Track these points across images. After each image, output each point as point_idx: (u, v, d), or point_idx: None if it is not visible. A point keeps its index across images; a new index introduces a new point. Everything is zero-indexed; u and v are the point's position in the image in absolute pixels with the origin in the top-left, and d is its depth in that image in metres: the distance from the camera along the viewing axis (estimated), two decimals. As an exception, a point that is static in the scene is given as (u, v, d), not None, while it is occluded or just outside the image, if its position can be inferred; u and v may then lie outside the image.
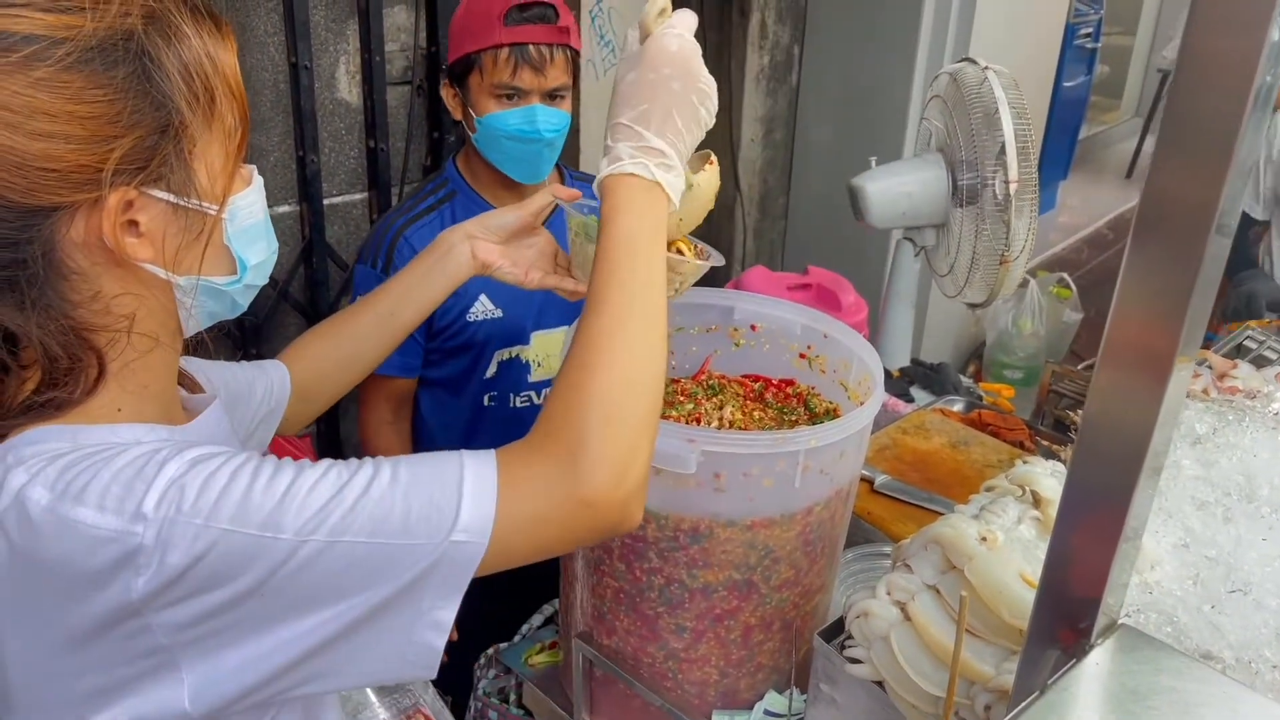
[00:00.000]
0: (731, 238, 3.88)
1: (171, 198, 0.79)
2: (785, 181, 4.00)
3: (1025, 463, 1.11)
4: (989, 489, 1.11)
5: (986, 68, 2.18)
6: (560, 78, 1.72)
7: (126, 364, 0.82)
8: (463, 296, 1.72)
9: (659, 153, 0.93)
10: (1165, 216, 0.64)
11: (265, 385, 1.16)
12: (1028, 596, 0.92)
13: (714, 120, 1.00)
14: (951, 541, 0.96)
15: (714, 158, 1.13)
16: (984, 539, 0.95)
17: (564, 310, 1.85)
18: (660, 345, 0.88)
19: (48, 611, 0.75)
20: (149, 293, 0.83)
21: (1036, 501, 1.03)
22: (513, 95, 1.69)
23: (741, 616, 1.21)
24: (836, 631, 1.08)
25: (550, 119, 1.72)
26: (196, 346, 0.93)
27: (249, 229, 0.88)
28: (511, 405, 1.89)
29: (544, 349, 1.88)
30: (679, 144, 0.95)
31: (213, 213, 0.83)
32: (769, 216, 3.99)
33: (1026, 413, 2.21)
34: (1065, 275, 3.92)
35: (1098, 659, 0.75)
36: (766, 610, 1.21)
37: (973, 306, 2.37)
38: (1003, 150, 2.14)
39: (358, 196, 2.35)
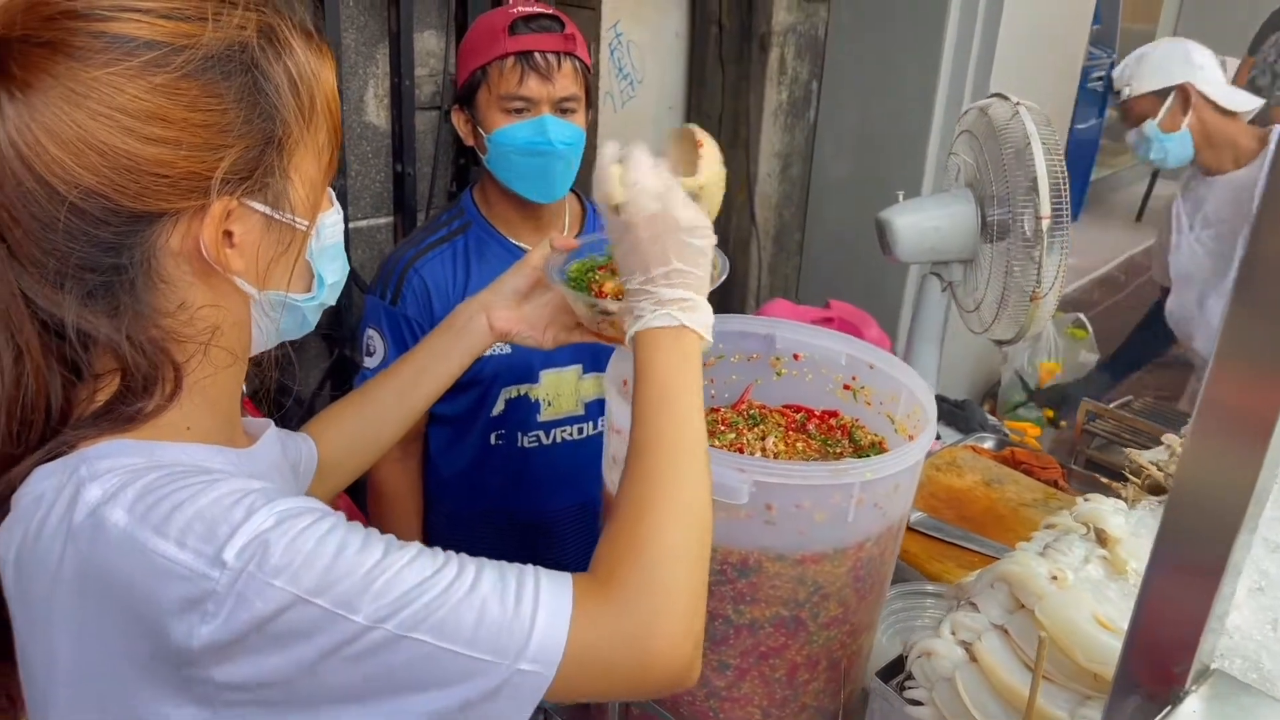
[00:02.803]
0: (746, 272, 3.86)
1: (268, 210, 0.80)
2: (801, 217, 3.99)
3: (1086, 499, 1.07)
4: (1049, 527, 1.08)
5: (1018, 104, 2.17)
6: (569, 87, 1.67)
7: (200, 379, 0.82)
8: None
9: (676, 301, 0.94)
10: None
11: (296, 454, 1.13)
12: (1103, 639, 0.88)
13: (712, 241, 1.00)
14: (1021, 580, 0.92)
15: (701, 137, 1.10)
16: (1054, 578, 0.91)
17: (575, 348, 1.77)
18: (707, 479, 0.88)
19: (110, 628, 0.72)
20: (230, 306, 0.82)
21: (1103, 540, 1.00)
22: (521, 108, 1.66)
23: (787, 654, 1.17)
24: (893, 671, 1.04)
25: (562, 131, 1.67)
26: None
27: (331, 247, 0.90)
28: (519, 445, 1.85)
29: (553, 388, 1.83)
30: (691, 282, 0.96)
31: (302, 228, 0.84)
32: (784, 251, 3.97)
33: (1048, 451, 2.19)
34: (1081, 315, 3.90)
35: (1194, 706, 0.72)
36: (813, 649, 1.17)
37: (1000, 343, 2.35)
38: (1034, 186, 2.12)
39: (383, 220, 2.34)
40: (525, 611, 0.75)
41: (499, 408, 1.81)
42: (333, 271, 0.91)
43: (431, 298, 1.75)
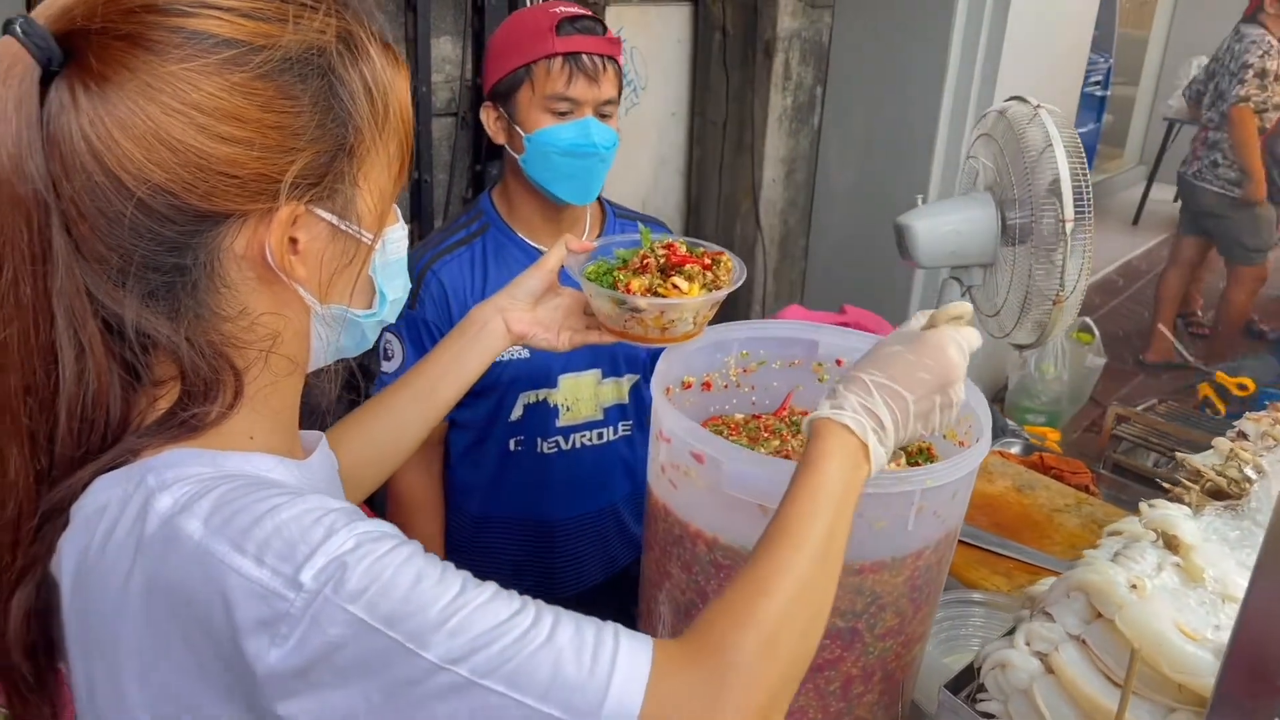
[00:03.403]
0: (751, 278, 3.85)
1: (335, 219, 0.78)
2: (806, 223, 3.98)
3: (1152, 505, 1.05)
4: (1114, 533, 1.06)
5: (1038, 106, 2.16)
6: (610, 90, 1.66)
7: (261, 388, 0.80)
8: None
9: (879, 420, 0.91)
10: None
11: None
12: (1189, 649, 0.86)
13: (939, 432, 0.98)
14: (1099, 589, 0.90)
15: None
16: (1133, 586, 0.89)
17: (593, 352, 1.79)
18: (829, 597, 0.84)
19: (180, 644, 0.70)
20: (291, 315, 0.81)
21: (1174, 546, 0.98)
22: (567, 110, 1.63)
23: (843, 667, 1.14)
24: (961, 683, 1.01)
25: (604, 134, 1.66)
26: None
27: (394, 263, 0.88)
28: (539, 451, 1.82)
29: (572, 393, 1.81)
30: (899, 430, 0.92)
31: (368, 241, 0.81)
32: (789, 257, 3.96)
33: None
34: (1088, 320, 3.89)
35: (1305, 718, 0.70)
36: (869, 660, 1.14)
37: (1020, 348, 2.33)
38: (1054, 188, 2.11)
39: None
40: (602, 669, 0.71)
41: (517, 413, 1.79)
42: (395, 288, 0.89)
43: (450, 301, 1.73)
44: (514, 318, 1.21)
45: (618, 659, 0.72)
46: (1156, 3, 7.89)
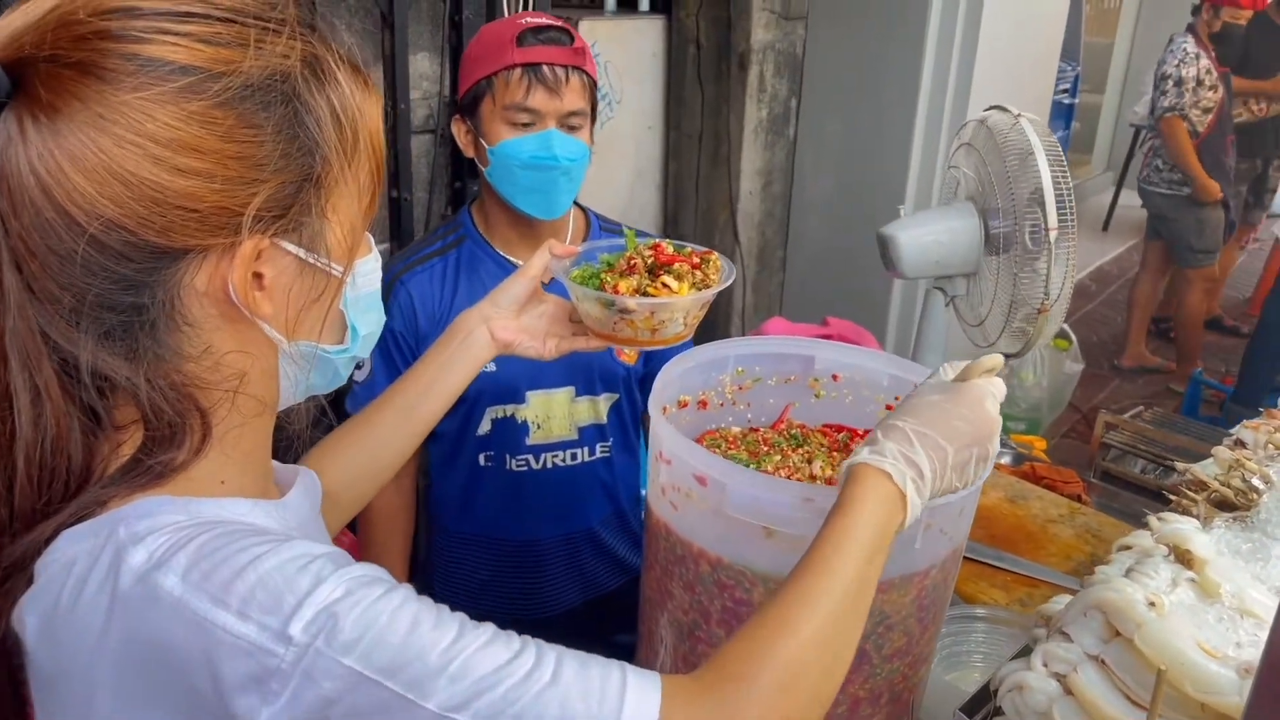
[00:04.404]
0: (730, 290, 3.82)
1: (302, 253, 0.74)
2: (783, 234, 3.97)
3: (1161, 518, 1.04)
4: (1124, 548, 1.04)
5: (1019, 115, 2.16)
6: (576, 102, 1.63)
7: (230, 429, 0.76)
8: None
9: (918, 470, 0.89)
10: None
11: (314, 494, 1.07)
12: (1212, 668, 0.85)
13: (972, 485, 0.97)
14: (1117, 607, 0.88)
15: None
16: (1152, 604, 0.88)
17: (567, 369, 1.75)
18: (854, 641, 0.82)
19: (158, 702, 0.66)
20: (257, 353, 0.77)
21: (1187, 561, 0.96)
22: (527, 121, 1.61)
23: (850, 689, 1.12)
24: (977, 706, 0.99)
25: (567, 146, 1.62)
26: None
27: (366, 296, 0.85)
28: (509, 468, 1.79)
29: (543, 409, 1.78)
30: (937, 480, 0.91)
31: (337, 274, 0.78)
32: (767, 269, 3.95)
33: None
34: (1066, 326, 3.91)
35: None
36: (876, 682, 1.12)
37: (1006, 357, 2.32)
38: (1036, 197, 2.11)
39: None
40: (610, 707, 0.68)
41: (485, 427, 1.76)
42: (368, 322, 0.86)
43: (418, 313, 1.71)
44: (499, 326, 1.18)
45: (625, 695, 0.70)
46: (1120, 11, 8.00)
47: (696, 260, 1.20)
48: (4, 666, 0.74)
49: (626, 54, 3.51)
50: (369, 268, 0.84)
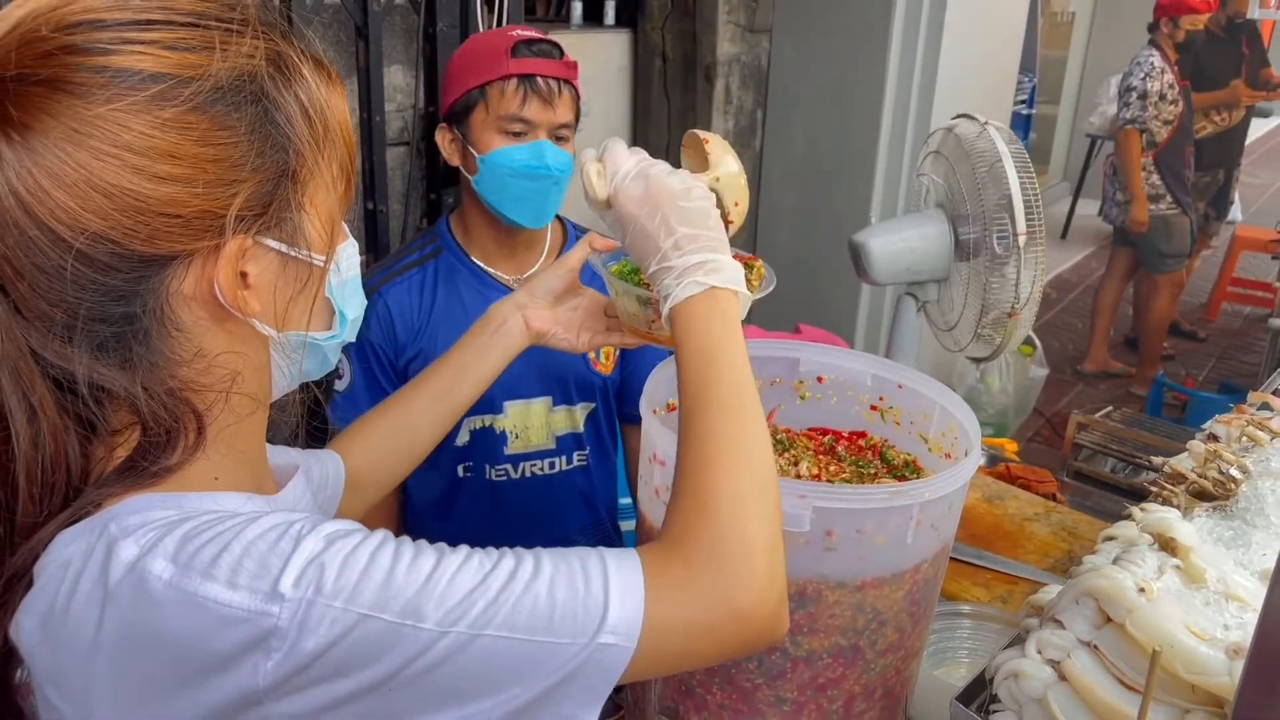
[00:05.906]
0: (701, 301, 3.86)
1: (283, 247, 0.76)
2: (751, 245, 4.00)
3: (1144, 509, 1.06)
4: (1109, 538, 1.07)
5: (986, 123, 2.20)
6: (566, 114, 1.67)
7: (224, 429, 0.77)
8: (429, 356, 1.65)
9: (695, 266, 0.91)
10: None
11: (321, 474, 1.08)
12: (1202, 650, 0.87)
13: (711, 200, 0.98)
14: (1109, 593, 0.91)
15: (707, 137, 1.10)
16: (1141, 590, 0.90)
17: (542, 380, 1.77)
18: (767, 443, 0.84)
19: (158, 693, 0.67)
20: (249, 351, 0.78)
21: (1172, 549, 0.99)
22: (521, 131, 1.63)
23: (845, 685, 1.13)
24: (972, 695, 1.01)
25: (559, 157, 1.65)
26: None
27: (350, 281, 0.86)
28: (488, 477, 1.79)
29: (521, 420, 1.78)
30: (705, 244, 0.93)
31: (319, 264, 0.79)
32: (737, 279, 3.98)
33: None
34: (1031, 333, 3.97)
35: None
36: (870, 677, 1.14)
37: (976, 361, 2.36)
38: (1005, 203, 2.15)
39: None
40: (596, 587, 0.72)
41: (464, 438, 1.76)
42: (354, 306, 0.87)
43: (395, 323, 1.71)
44: (534, 315, 1.19)
45: (609, 573, 0.73)
46: (1074, 25, 8.17)
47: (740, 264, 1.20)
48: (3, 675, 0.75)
49: (593, 67, 3.53)
50: (349, 253, 0.85)
